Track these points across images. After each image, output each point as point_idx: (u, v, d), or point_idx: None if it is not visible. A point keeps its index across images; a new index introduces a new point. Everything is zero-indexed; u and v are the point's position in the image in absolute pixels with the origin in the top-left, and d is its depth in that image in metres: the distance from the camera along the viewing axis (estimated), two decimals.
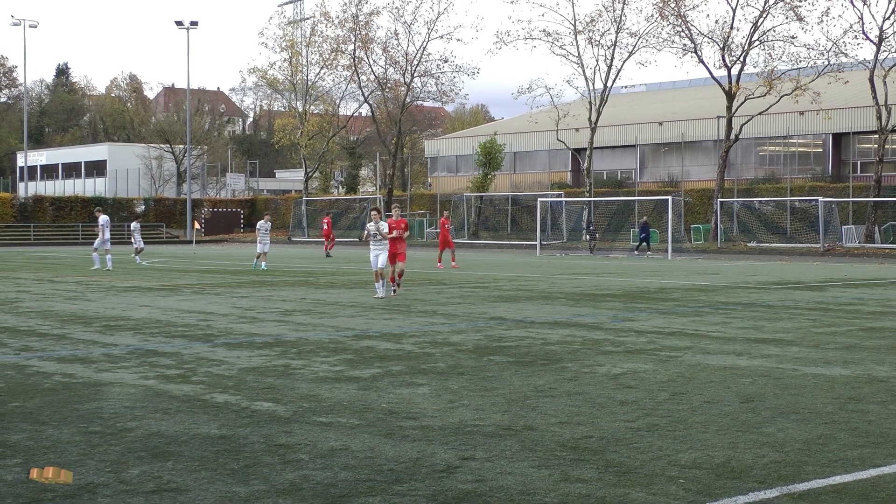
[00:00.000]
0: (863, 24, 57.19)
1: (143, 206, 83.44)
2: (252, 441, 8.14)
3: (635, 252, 52.36)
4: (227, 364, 12.28)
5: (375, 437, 8.29)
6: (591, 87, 65.92)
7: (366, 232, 22.84)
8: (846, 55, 57.75)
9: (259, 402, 9.83)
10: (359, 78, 77.18)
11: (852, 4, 56.45)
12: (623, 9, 63.21)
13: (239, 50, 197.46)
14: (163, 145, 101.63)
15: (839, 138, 66.79)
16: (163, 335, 15.38)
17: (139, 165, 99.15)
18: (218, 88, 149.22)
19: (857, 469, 7.34)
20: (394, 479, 7.03)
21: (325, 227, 51.42)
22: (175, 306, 20.38)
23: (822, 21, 69.70)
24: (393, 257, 22.65)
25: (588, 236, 55.10)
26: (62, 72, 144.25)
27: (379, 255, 22.36)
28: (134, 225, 43.07)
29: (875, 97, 54.94)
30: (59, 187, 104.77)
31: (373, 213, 23.32)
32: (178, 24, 79.36)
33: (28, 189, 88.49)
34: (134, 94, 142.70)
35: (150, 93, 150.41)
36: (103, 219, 35.96)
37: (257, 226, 37.10)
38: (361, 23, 75.19)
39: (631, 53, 64.47)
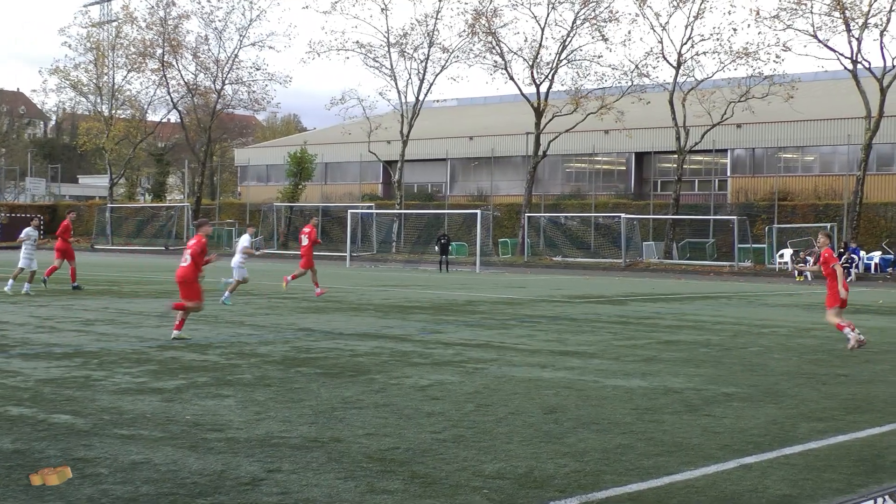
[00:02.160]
0: (662, 47, 59.69)
1: None
2: (48, 455, 7.86)
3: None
4: (22, 375, 11.82)
5: (179, 449, 8.13)
6: (404, 100, 66.49)
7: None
8: (648, 77, 60.03)
9: (57, 414, 9.50)
10: (168, 83, 75.73)
11: (652, 29, 58.74)
12: (436, 24, 64.12)
13: (43, 51, 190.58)
14: None
15: (641, 157, 69.23)
16: None
17: None
18: (17, 89, 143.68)
19: (652, 477, 7.60)
20: (197, 493, 6.91)
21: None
22: None
23: (625, 42, 72.33)
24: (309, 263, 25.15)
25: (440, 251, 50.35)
26: None
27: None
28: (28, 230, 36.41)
29: (675, 118, 57.17)
30: None
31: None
32: None
33: None
34: None
35: None
36: None
37: (241, 241, 25.94)
38: (170, 27, 73.80)
39: (443, 68, 65.47)
